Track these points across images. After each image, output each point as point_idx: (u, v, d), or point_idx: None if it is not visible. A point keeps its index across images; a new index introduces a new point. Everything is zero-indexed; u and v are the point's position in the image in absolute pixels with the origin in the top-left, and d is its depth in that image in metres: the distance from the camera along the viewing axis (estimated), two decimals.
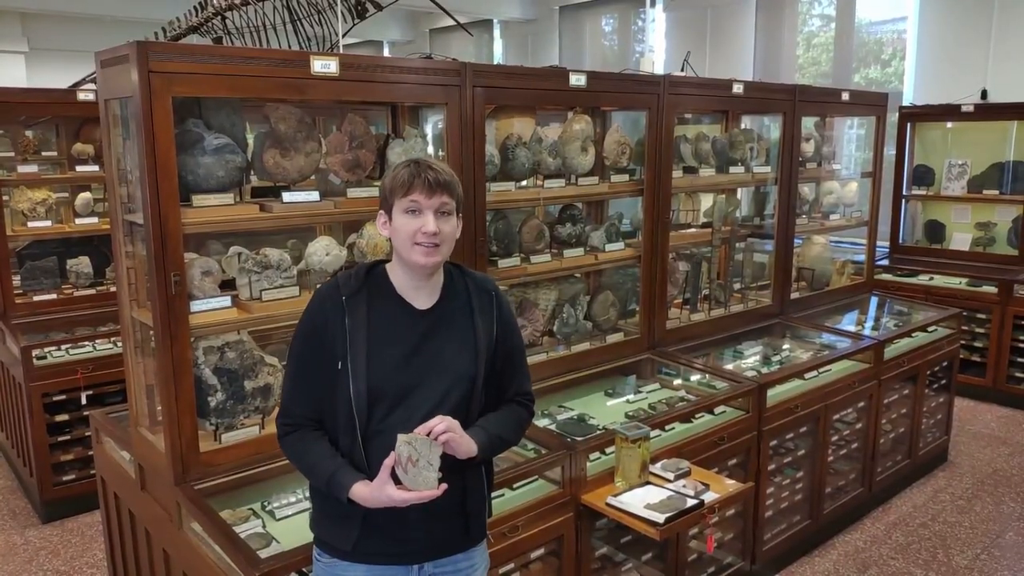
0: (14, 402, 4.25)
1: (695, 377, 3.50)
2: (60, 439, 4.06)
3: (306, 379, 1.79)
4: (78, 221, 4.55)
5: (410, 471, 1.65)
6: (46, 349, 4.06)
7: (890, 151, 6.21)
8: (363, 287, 1.78)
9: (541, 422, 3.01)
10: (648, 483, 2.60)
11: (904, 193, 6.55)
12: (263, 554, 2.06)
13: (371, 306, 1.77)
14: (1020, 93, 6.01)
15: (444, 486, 1.67)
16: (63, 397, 4.02)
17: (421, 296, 1.80)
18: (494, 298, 1.87)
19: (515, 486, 2.52)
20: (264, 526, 2.30)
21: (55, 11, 9.31)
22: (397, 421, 1.72)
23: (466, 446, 1.72)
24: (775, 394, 3.40)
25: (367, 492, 1.69)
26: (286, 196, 2.44)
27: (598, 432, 2.89)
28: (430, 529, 1.79)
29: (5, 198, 4.36)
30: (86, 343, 4.19)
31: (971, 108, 6.03)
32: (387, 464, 1.66)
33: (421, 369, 1.76)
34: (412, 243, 1.71)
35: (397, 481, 1.67)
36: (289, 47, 5.21)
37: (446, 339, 1.79)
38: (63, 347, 4.11)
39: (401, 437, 1.65)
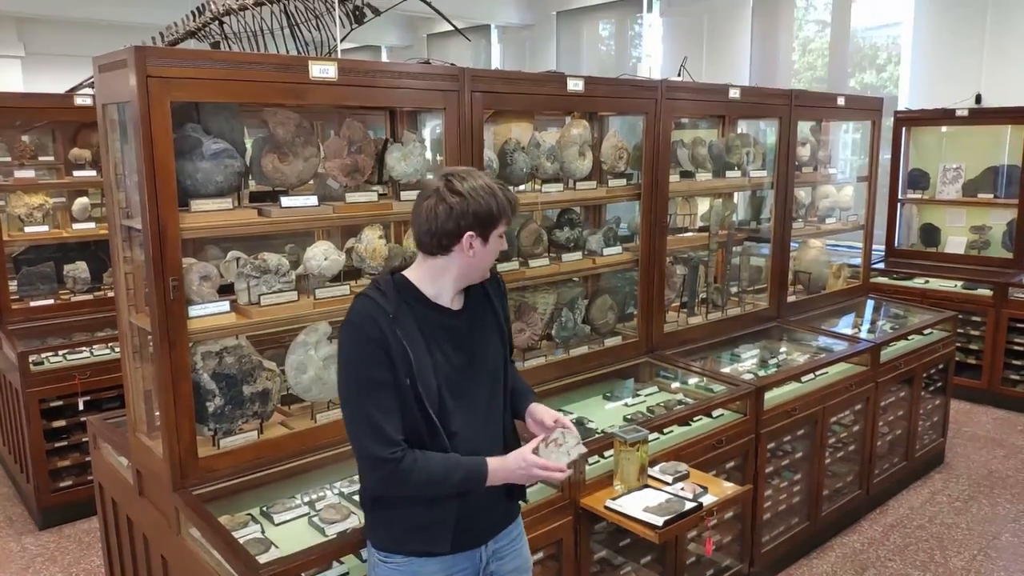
0: (11, 408, 4.24)
1: (693, 380, 3.51)
2: (57, 445, 4.05)
3: (388, 400, 1.78)
4: (75, 226, 4.54)
5: (551, 449, 1.91)
6: (43, 355, 4.05)
7: (885, 155, 6.24)
8: (400, 301, 1.83)
9: None
10: (647, 486, 2.60)
11: (899, 197, 6.57)
12: (262, 559, 2.05)
13: (415, 316, 1.83)
14: (1014, 98, 6.05)
15: (570, 471, 1.93)
16: (60, 403, 4.02)
17: (457, 299, 1.92)
18: (498, 278, 2.05)
19: None
20: (263, 531, 2.29)
21: (52, 15, 9.26)
22: (461, 422, 1.86)
23: None
24: (772, 397, 3.41)
25: (511, 460, 1.85)
26: (284, 201, 2.44)
27: (596, 436, 2.90)
28: (491, 508, 1.96)
29: (2, 203, 4.36)
30: (83, 348, 4.18)
31: (965, 113, 6.07)
32: (535, 442, 1.91)
33: (469, 366, 1.89)
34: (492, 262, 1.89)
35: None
36: (287, 52, 5.22)
37: (482, 332, 1.94)
38: (60, 353, 4.11)
39: (560, 426, 1.95)
